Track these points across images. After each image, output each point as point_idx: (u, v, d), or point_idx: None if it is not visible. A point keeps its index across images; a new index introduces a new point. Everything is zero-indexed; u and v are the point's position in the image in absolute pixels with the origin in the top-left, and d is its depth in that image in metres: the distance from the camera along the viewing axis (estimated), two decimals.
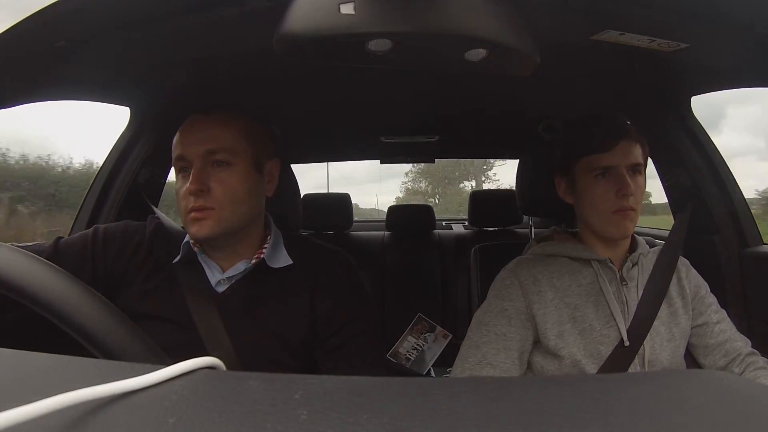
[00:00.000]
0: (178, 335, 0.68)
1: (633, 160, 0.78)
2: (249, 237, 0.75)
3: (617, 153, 0.77)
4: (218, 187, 0.69)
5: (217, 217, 0.69)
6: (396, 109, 1.30)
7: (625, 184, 0.76)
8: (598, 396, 0.25)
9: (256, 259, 0.73)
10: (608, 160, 0.78)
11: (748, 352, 0.83)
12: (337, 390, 0.26)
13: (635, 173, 0.79)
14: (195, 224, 0.69)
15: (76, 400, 0.22)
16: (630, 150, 0.78)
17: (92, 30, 0.66)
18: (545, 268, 0.82)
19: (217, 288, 0.72)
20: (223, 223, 0.69)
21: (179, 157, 0.71)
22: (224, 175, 0.70)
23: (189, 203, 0.69)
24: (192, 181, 0.68)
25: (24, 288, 0.38)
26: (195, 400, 0.25)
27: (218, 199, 0.69)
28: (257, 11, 0.60)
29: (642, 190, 0.80)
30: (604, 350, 0.77)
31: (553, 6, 0.61)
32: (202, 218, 0.68)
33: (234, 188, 0.70)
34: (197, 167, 0.69)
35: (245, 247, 0.75)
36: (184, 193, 0.69)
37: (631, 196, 0.77)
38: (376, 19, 0.44)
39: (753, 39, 0.68)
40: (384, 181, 28.67)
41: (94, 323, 0.37)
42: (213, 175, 0.70)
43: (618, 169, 0.77)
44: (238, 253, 0.74)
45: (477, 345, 0.78)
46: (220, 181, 0.69)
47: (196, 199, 0.68)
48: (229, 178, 0.70)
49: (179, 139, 0.72)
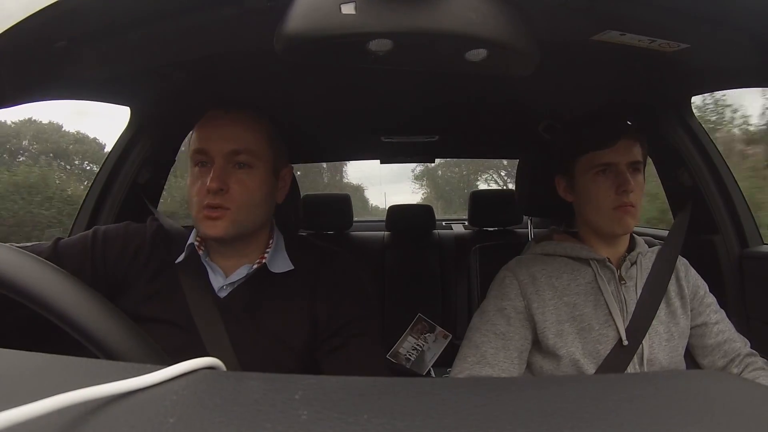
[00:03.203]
0: (180, 338, 0.67)
1: (633, 158, 0.78)
2: (255, 240, 0.75)
3: (617, 150, 0.78)
4: (237, 188, 0.68)
5: (232, 218, 0.68)
6: (396, 109, 1.30)
7: (626, 180, 0.76)
8: (597, 396, 0.25)
9: (258, 264, 0.72)
10: (609, 157, 0.78)
11: (747, 352, 0.83)
12: (337, 390, 0.26)
13: (635, 171, 0.79)
14: (208, 223, 0.68)
15: (76, 400, 0.22)
16: (630, 147, 0.78)
17: (92, 30, 0.66)
18: (544, 268, 0.82)
19: (219, 292, 0.72)
20: (238, 224, 0.69)
21: (200, 150, 0.70)
22: (245, 176, 0.69)
23: (204, 199, 0.67)
24: (213, 178, 0.67)
25: (24, 288, 0.38)
26: (195, 400, 0.25)
27: (236, 200, 0.68)
28: (257, 11, 0.59)
29: (642, 188, 0.80)
30: (602, 349, 0.77)
31: (554, 6, 0.60)
32: (218, 217, 0.67)
33: (253, 191, 0.69)
34: (219, 165, 0.68)
35: (250, 250, 0.74)
36: (200, 188, 0.68)
37: (632, 193, 0.77)
38: (377, 19, 0.44)
39: (753, 39, 0.68)
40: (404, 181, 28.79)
41: (94, 323, 0.37)
42: (233, 175, 0.69)
43: (618, 167, 0.78)
44: (242, 257, 0.74)
45: (476, 345, 0.78)
46: (240, 183, 0.69)
47: (213, 197, 0.67)
48: (250, 180, 0.69)
49: (201, 134, 0.71)
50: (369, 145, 1.78)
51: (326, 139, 1.67)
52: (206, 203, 0.67)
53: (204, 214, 0.68)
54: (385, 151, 1.89)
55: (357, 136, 1.65)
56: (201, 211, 0.68)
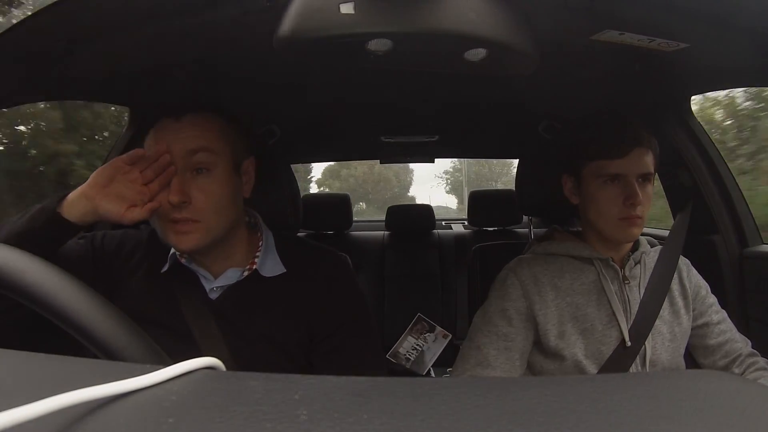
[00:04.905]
0: (174, 341, 0.66)
1: (644, 170, 0.76)
2: (235, 240, 0.73)
3: (629, 161, 0.75)
4: (200, 196, 0.66)
5: (203, 229, 0.66)
6: (396, 109, 1.30)
7: (634, 193, 0.74)
8: (598, 396, 0.25)
9: (248, 270, 0.71)
10: (619, 167, 0.76)
11: (748, 352, 0.83)
12: (337, 390, 0.26)
13: (645, 182, 0.77)
14: (178, 237, 0.66)
15: (76, 400, 0.22)
16: (642, 158, 0.76)
17: (92, 30, 0.66)
18: (546, 268, 0.81)
19: (210, 295, 0.71)
20: (210, 233, 0.67)
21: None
22: (205, 182, 0.67)
23: (169, 213, 0.65)
24: (174, 192, 0.64)
25: (24, 288, 0.38)
26: (195, 400, 0.25)
27: (202, 209, 0.66)
28: (257, 11, 0.59)
29: (650, 199, 0.78)
30: (605, 350, 0.77)
31: (553, 6, 0.60)
32: (187, 231, 0.65)
33: (217, 196, 0.67)
34: (177, 176, 0.66)
35: (234, 251, 0.73)
36: (163, 203, 0.66)
37: (639, 206, 0.75)
38: (377, 19, 0.44)
39: (753, 39, 0.68)
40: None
41: (94, 323, 0.37)
42: (194, 183, 0.67)
43: (628, 178, 0.75)
44: (227, 258, 0.72)
45: (478, 346, 0.78)
46: (202, 190, 0.66)
47: (179, 211, 0.65)
48: (211, 185, 0.67)
49: (153, 144, 0.68)
50: (369, 145, 1.78)
51: (326, 139, 1.67)
52: (171, 217, 0.65)
53: (173, 228, 0.66)
54: (385, 151, 1.89)
55: (357, 136, 1.65)
56: (169, 225, 0.66)
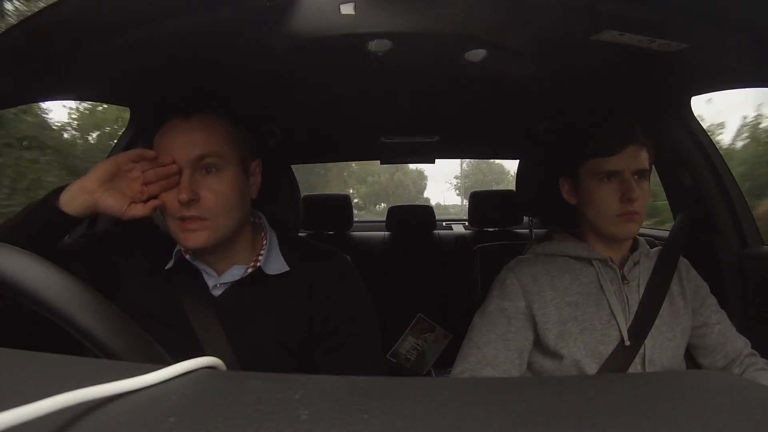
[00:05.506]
0: (176, 338, 0.67)
1: (639, 166, 0.77)
2: (241, 239, 0.74)
3: (624, 157, 0.76)
4: (209, 195, 0.67)
5: (212, 227, 0.67)
6: (396, 109, 1.30)
7: (630, 189, 0.75)
8: (598, 396, 0.25)
9: (252, 267, 0.72)
10: (614, 165, 0.76)
11: (748, 353, 0.83)
12: (337, 390, 0.26)
13: (641, 178, 0.78)
14: (187, 235, 0.67)
15: (76, 400, 0.22)
16: (637, 155, 0.77)
17: (93, 30, 0.67)
18: (545, 268, 0.82)
19: (213, 291, 0.72)
20: (219, 232, 0.68)
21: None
22: (214, 182, 0.68)
23: (178, 212, 0.66)
24: (183, 189, 0.65)
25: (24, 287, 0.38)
26: (195, 400, 0.25)
27: (210, 208, 0.67)
28: (257, 11, 0.60)
29: (647, 195, 0.79)
30: (604, 350, 0.77)
31: (553, 6, 0.60)
32: (195, 229, 0.66)
33: (225, 196, 0.68)
34: (186, 174, 0.67)
35: (238, 250, 0.74)
36: (171, 199, 0.67)
37: (636, 201, 0.76)
38: (377, 19, 0.45)
39: (752, 39, 0.68)
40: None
41: (95, 322, 0.37)
42: (202, 182, 0.67)
43: (624, 174, 0.76)
44: (231, 256, 0.73)
45: (477, 345, 0.78)
46: (210, 189, 0.67)
47: (188, 209, 0.66)
48: (220, 184, 0.68)
49: (162, 145, 0.69)
50: (369, 146, 1.78)
51: (326, 139, 1.67)
52: (180, 215, 0.66)
53: (181, 227, 0.67)
54: (385, 152, 1.89)
55: (357, 136, 1.65)
56: (177, 223, 0.67)
